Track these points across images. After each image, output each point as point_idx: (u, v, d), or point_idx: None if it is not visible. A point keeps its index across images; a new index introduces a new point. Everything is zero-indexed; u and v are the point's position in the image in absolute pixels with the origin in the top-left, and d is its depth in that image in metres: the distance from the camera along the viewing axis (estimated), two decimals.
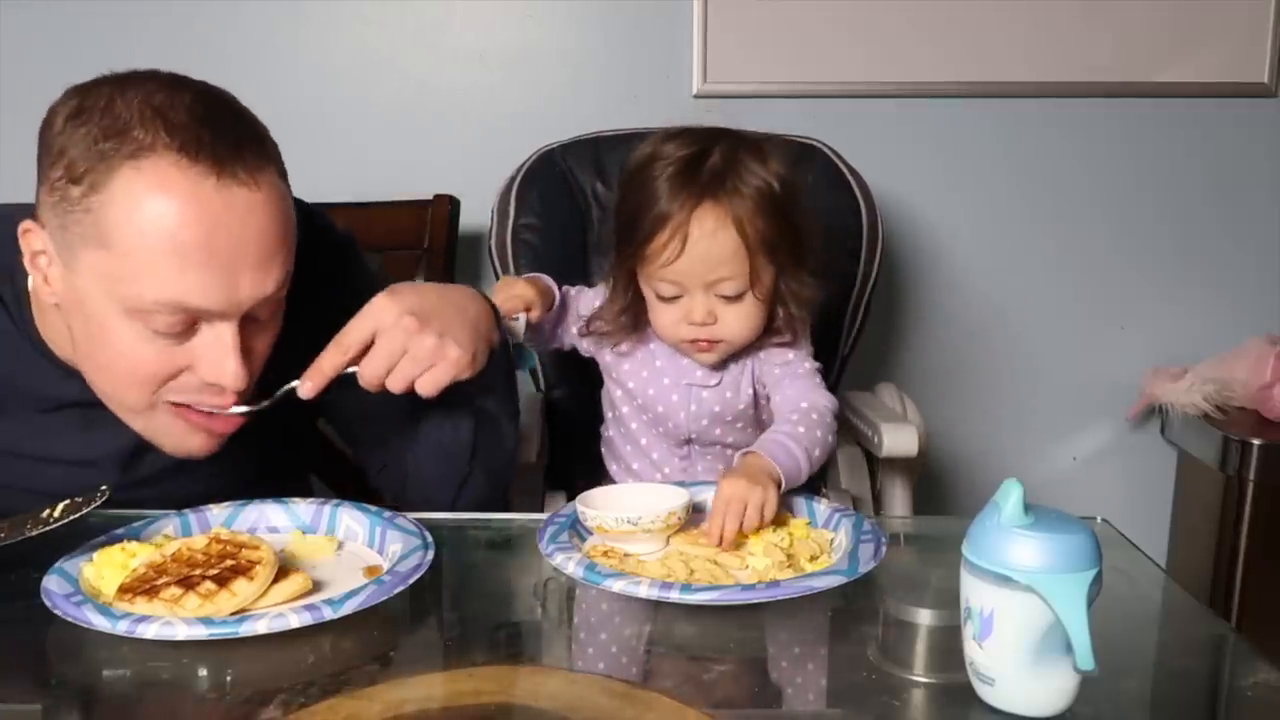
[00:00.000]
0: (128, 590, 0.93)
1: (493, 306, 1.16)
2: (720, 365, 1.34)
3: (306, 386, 1.04)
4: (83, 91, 0.98)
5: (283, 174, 1.02)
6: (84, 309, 1.00)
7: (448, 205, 1.81)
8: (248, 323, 1.01)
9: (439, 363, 1.05)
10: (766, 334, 1.32)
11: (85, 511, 0.99)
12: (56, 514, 0.99)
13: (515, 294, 1.25)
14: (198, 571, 0.94)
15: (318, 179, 1.47)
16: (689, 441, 1.38)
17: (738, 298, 1.25)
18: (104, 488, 0.99)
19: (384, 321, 1.04)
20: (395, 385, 1.05)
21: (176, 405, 1.04)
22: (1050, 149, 2.05)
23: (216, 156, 0.94)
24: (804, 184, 1.62)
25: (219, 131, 0.96)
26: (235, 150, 0.96)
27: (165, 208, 0.93)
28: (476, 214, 1.84)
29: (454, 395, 1.11)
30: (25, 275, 1.06)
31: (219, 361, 1.00)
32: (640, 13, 1.95)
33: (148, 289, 0.95)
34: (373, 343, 1.05)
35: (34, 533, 0.99)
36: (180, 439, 1.07)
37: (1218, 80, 2.01)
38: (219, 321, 0.99)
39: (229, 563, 0.95)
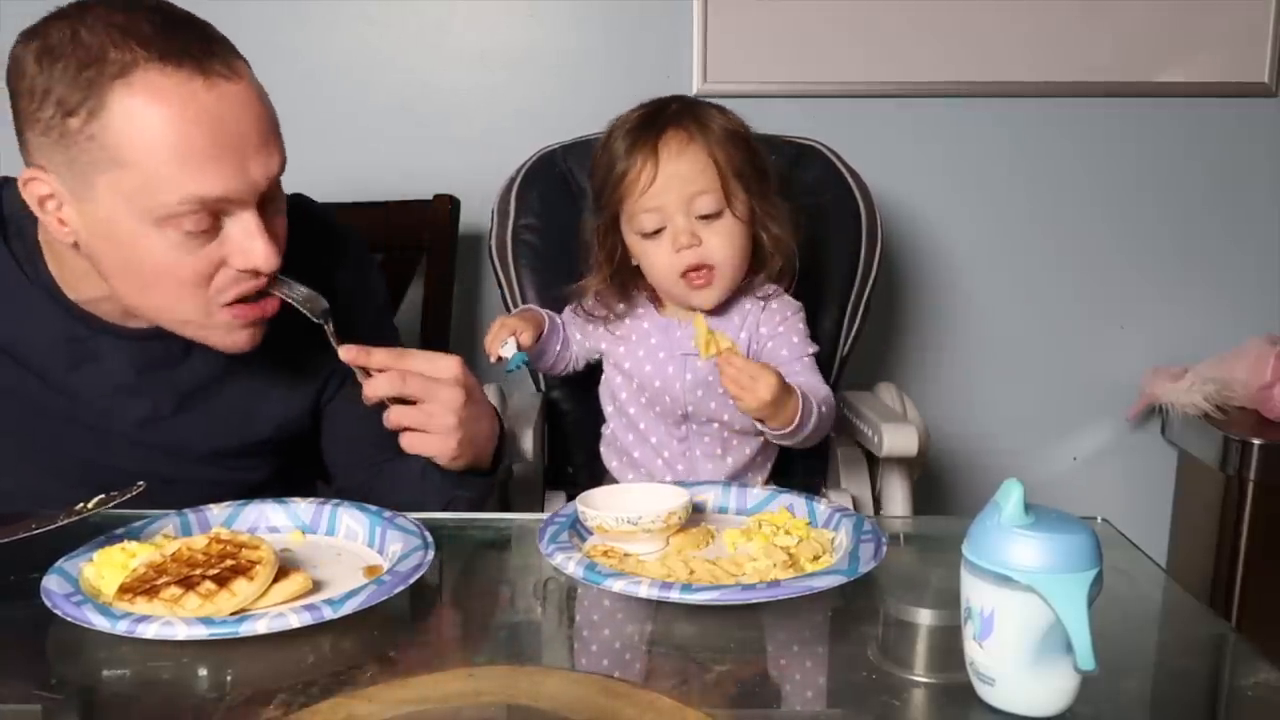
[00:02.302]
0: (128, 590, 0.93)
1: (501, 428, 1.25)
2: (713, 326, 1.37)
3: (348, 350, 1.10)
4: (41, 32, 1.02)
5: (247, 64, 1.08)
6: (113, 235, 1.04)
7: (448, 205, 1.81)
8: (264, 206, 1.07)
9: (435, 436, 1.13)
10: (759, 273, 1.39)
11: (118, 502, 1.02)
12: (90, 506, 1.02)
13: (501, 324, 1.33)
14: (198, 571, 0.94)
15: (319, 178, 1.47)
16: (686, 419, 1.39)
17: (717, 215, 1.31)
18: (140, 484, 1.02)
19: (442, 371, 1.11)
20: (390, 420, 1.12)
21: (228, 306, 1.10)
22: (1050, 149, 2.05)
23: (194, 58, 1.01)
24: (803, 185, 1.64)
25: (187, 37, 1.02)
26: (208, 49, 1.02)
27: (166, 114, 0.99)
28: (476, 214, 1.84)
29: (440, 476, 1.21)
30: (33, 226, 1.13)
31: (250, 247, 1.06)
32: (640, 13, 1.95)
33: (170, 193, 1.01)
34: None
35: (65, 521, 1.01)
36: (230, 336, 1.12)
37: (1218, 80, 2.01)
38: (240, 210, 1.05)
39: (229, 562, 0.95)
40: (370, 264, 1.36)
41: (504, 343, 1.28)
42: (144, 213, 1.02)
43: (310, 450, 1.35)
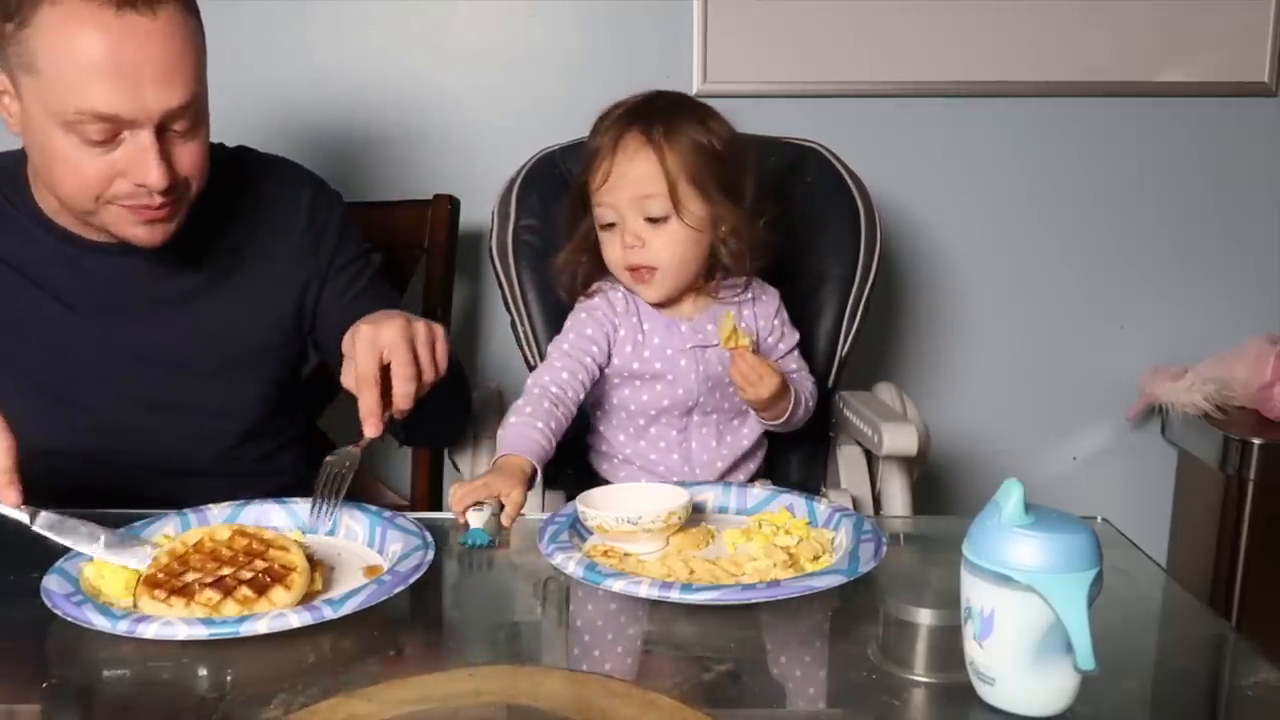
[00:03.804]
0: (154, 584, 0.93)
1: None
2: (713, 321, 1.40)
3: (371, 425, 1.12)
4: None
5: (188, 9, 1.19)
6: (33, 131, 1.18)
7: (448, 205, 1.81)
8: (166, 134, 1.18)
9: (437, 339, 1.18)
10: (717, 272, 1.42)
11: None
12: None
13: (485, 486, 1.15)
14: (228, 571, 0.94)
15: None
16: (690, 411, 1.42)
17: (664, 220, 1.35)
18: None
19: (382, 336, 1.13)
20: (428, 373, 1.16)
21: (122, 206, 1.21)
22: (1050, 149, 2.05)
23: None
24: (803, 186, 1.64)
25: None
26: None
27: (75, 34, 1.12)
28: (476, 214, 1.84)
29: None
30: (22, 163, 1.28)
31: (142, 165, 1.17)
32: (640, 13, 1.95)
33: (70, 101, 1.13)
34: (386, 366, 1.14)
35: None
36: (129, 229, 1.23)
37: (1218, 80, 2.01)
38: (138, 130, 1.16)
39: (259, 564, 0.95)
40: (350, 219, 1.46)
41: (480, 507, 1.13)
42: (51, 116, 1.15)
43: (299, 385, 1.45)
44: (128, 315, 1.31)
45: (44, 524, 1.00)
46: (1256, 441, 1.91)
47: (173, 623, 0.88)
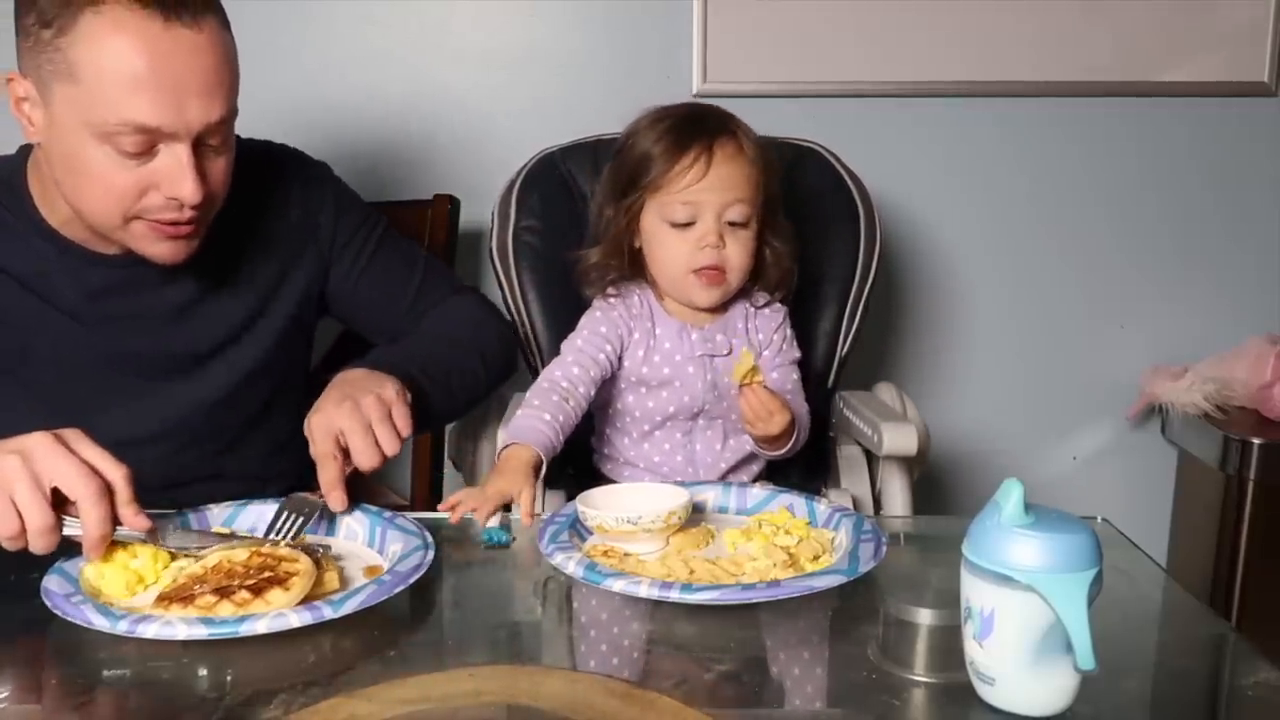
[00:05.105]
0: (166, 599, 0.94)
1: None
2: (723, 330, 1.42)
3: (336, 499, 1.12)
4: None
5: (225, 24, 1.17)
6: (62, 140, 1.14)
7: (448, 205, 1.81)
8: (201, 148, 1.16)
9: (394, 407, 1.16)
10: (757, 282, 1.44)
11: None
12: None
13: (499, 494, 1.18)
14: (235, 582, 0.95)
15: None
16: (696, 417, 1.43)
17: (744, 225, 1.37)
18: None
19: (335, 422, 1.13)
20: (389, 448, 1.13)
21: (149, 221, 1.18)
22: (1050, 148, 2.05)
23: (162, 3, 1.10)
24: (803, 186, 1.64)
25: None
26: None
27: (121, 44, 1.09)
28: (476, 214, 1.84)
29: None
30: (19, 171, 1.26)
31: (178, 179, 1.15)
32: (640, 13, 1.95)
33: (110, 112, 1.10)
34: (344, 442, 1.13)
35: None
36: (151, 246, 1.21)
37: (1218, 80, 2.01)
38: (175, 143, 1.14)
39: (267, 574, 0.95)
40: (343, 188, 1.47)
41: (499, 522, 1.16)
42: (87, 126, 1.11)
43: (302, 383, 1.44)
44: (132, 325, 1.29)
45: (176, 540, 1.04)
46: (1256, 441, 1.91)
47: (173, 623, 0.88)
